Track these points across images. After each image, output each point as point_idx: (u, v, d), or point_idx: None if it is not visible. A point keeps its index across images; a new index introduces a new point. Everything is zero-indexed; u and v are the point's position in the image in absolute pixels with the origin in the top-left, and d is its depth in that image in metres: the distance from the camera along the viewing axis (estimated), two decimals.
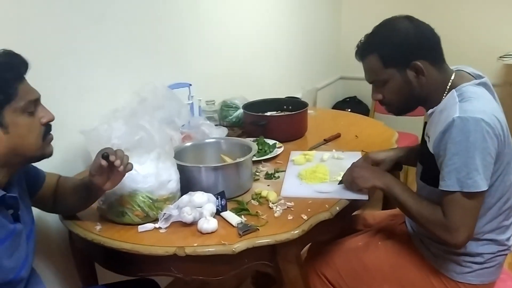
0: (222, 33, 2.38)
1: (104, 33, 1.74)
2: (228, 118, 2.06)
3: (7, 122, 0.93)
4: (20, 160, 1.00)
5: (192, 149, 1.51)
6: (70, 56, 1.62)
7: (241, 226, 1.19)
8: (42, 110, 1.01)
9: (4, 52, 0.96)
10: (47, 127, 1.02)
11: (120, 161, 1.11)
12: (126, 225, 1.23)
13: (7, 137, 0.94)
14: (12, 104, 0.93)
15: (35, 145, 0.99)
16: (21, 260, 0.98)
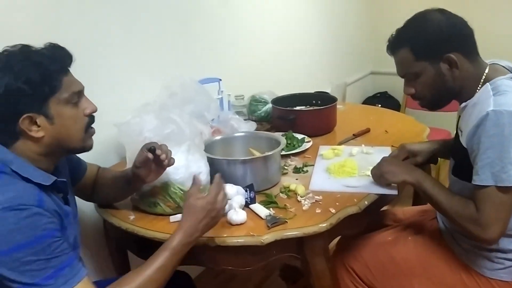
0: (252, 28, 2.40)
1: (137, 29, 1.79)
2: (257, 113, 2.08)
3: (52, 113, 0.96)
4: (63, 150, 1.03)
5: (221, 143, 1.54)
6: (103, 51, 1.67)
7: (269, 219, 1.21)
8: (85, 102, 1.03)
9: (50, 45, 0.99)
10: (90, 119, 1.05)
11: (166, 155, 1.15)
12: (158, 215, 1.27)
13: (52, 127, 0.96)
14: (57, 95, 0.96)
15: (78, 136, 1.02)
16: (71, 241, 1.03)
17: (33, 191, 0.92)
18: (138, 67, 1.83)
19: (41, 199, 0.91)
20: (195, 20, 2.05)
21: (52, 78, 0.95)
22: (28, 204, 0.87)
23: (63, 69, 0.98)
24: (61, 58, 0.98)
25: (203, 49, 2.10)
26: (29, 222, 0.86)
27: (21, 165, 0.94)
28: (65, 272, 0.89)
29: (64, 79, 0.97)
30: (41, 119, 0.95)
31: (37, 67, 0.93)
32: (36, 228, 0.87)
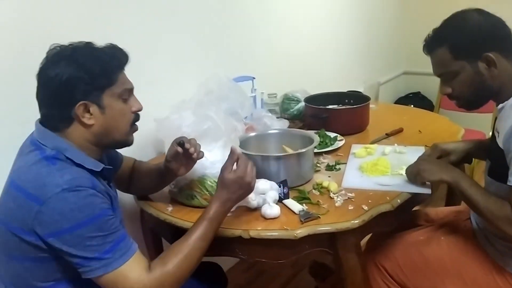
0: (286, 27, 2.43)
1: (175, 27, 1.85)
2: (289, 111, 2.10)
3: (105, 104, 1.03)
4: (108, 141, 1.09)
5: (255, 140, 1.57)
6: (143, 49, 1.73)
7: (303, 214, 1.24)
8: (134, 100, 1.11)
9: (110, 44, 1.08)
10: (136, 117, 1.12)
11: (194, 149, 1.21)
12: (195, 207, 1.32)
13: (102, 117, 1.03)
14: (112, 88, 1.04)
15: (123, 129, 1.09)
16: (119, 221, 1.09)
17: (86, 175, 0.99)
18: (177, 65, 1.89)
19: (94, 182, 0.99)
20: (232, 20, 2.10)
21: (110, 72, 1.03)
22: (84, 185, 0.95)
23: (120, 66, 1.07)
24: (119, 56, 1.07)
25: (239, 48, 2.14)
26: (88, 201, 0.94)
27: (74, 153, 1.01)
28: (121, 246, 0.96)
29: (120, 76, 1.06)
30: (94, 108, 1.02)
31: (99, 60, 1.02)
32: (94, 207, 0.94)
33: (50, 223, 0.91)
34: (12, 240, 0.95)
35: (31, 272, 0.98)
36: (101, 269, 0.93)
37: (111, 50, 1.06)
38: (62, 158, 0.99)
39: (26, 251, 0.95)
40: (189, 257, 1.04)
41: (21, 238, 0.94)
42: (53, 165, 0.96)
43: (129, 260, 0.96)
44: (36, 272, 0.98)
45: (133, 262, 0.97)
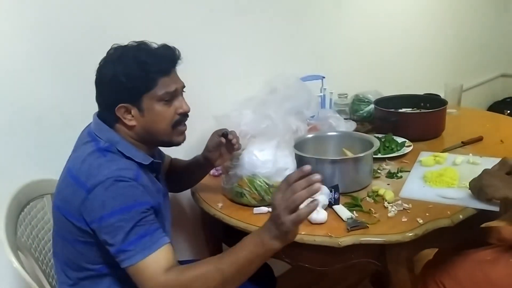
0: (359, 26, 2.34)
1: (245, 25, 1.87)
2: (359, 113, 2.03)
3: (144, 107, 1.07)
4: (153, 140, 1.13)
5: (313, 141, 1.54)
6: (213, 46, 1.78)
7: (350, 221, 1.19)
8: (180, 101, 1.12)
9: (161, 46, 1.10)
10: (181, 118, 1.12)
11: (236, 140, 1.26)
12: (243, 205, 1.33)
13: (143, 119, 1.08)
14: (151, 92, 1.06)
15: (164, 130, 1.10)
16: (163, 213, 1.15)
17: (133, 167, 1.05)
18: (247, 63, 1.91)
19: (138, 174, 1.04)
20: (304, 18, 2.07)
21: (149, 78, 1.05)
22: (126, 176, 1.00)
23: (162, 71, 1.07)
24: (166, 60, 1.08)
25: (310, 47, 2.11)
26: (124, 192, 0.98)
27: (125, 146, 1.07)
28: (145, 240, 0.96)
29: (161, 80, 1.06)
30: (135, 110, 1.07)
31: (140, 65, 1.04)
32: (128, 198, 0.98)
33: (92, 210, 0.97)
34: (66, 224, 1.04)
35: (81, 254, 1.06)
36: (126, 261, 0.96)
37: (158, 53, 1.07)
38: (114, 150, 1.06)
39: (77, 235, 1.03)
40: (204, 279, 0.94)
41: (72, 223, 1.02)
42: (104, 157, 1.03)
43: (150, 256, 0.95)
44: (85, 254, 1.06)
45: (154, 258, 0.95)
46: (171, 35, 1.64)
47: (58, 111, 1.38)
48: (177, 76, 1.13)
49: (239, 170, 1.32)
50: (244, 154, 1.33)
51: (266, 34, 1.95)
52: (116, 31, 1.45)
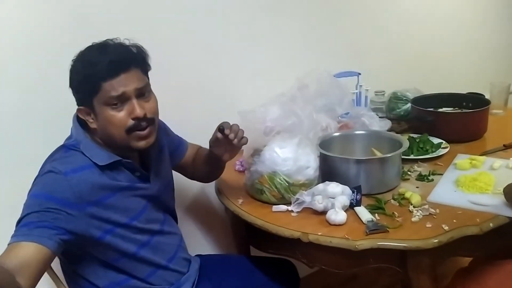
0: (399, 20, 2.25)
1: (279, 20, 1.85)
2: (396, 111, 1.95)
3: (96, 111, 1.05)
4: (113, 144, 1.09)
5: (340, 139, 1.50)
6: (245, 41, 1.77)
7: (370, 224, 1.15)
8: (132, 105, 1.05)
9: (115, 44, 1.06)
10: (137, 123, 1.06)
11: (234, 135, 1.16)
12: (263, 202, 1.31)
13: (98, 123, 1.07)
14: (98, 97, 1.03)
15: (118, 136, 1.06)
16: (137, 211, 1.14)
17: (83, 164, 1.05)
18: (277, 58, 1.89)
19: (76, 170, 1.02)
20: (339, 13, 2.02)
21: (91, 82, 1.02)
22: (58, 168, 1.01)
23: (106, 74, 1.02)
24: (112, 62, 1.02)
25: (346, 42, 2.06)
26: (46, 181, 1.01)
27: (87, 146, 1.08)
28: (20, 229, 0.95)
29: (106, 84, 1.02)
30: (92, 113, 1.07)
31: (84, 68, 1.03)
32: (45, 188, 1.00)
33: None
34: None
35: None
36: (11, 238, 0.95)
37: (105, 53, 1.03)
38: (77, 148, 1.07)
39: None
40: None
41: None
42: (64, 153, 1.07)
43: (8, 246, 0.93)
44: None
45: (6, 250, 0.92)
46: (203, 30, 1.67)
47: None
48: (130, 78, 1.05)
49: (259, 166, 1.31)
50: (265, 151, 1.31)
51: (299, 29, 1.92)
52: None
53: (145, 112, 1.06)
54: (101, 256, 1.10)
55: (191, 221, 1.77)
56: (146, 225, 1.16)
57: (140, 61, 1.09)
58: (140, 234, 1.15)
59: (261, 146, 1.34)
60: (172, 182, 1.34)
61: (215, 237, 1.83)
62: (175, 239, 1.27)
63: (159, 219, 1.22)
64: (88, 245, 1.07)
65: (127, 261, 1.13)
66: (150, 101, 1.10)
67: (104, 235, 1.07)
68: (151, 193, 1.19)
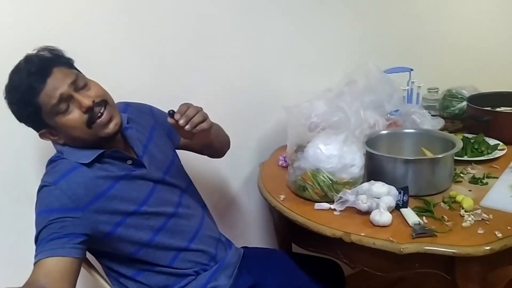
0: (455, 14, 2.14)
1: (326, 14, 1.82)
2: (450, 109, 1.86)
3: (52, 125, 1.04)
4: (87, 144, 1.07)
5: (388, 138, 1.44)
6: (291, 36, 1.75)
7: (416, 228, 1.10)
8: (77, 101, 1.02)
9: (25, 59, 1.02)
10: (91, 113, 1.03)
11: (185, 120, 1.03)
12: (306, 200, 1.29)
13: (61, 135, 1.07)
14: (43, 113, 1.02)
15: (84, 134, 1.05)
16: (144, 196, 1.13)
17: (68, 168, 1.05)
18: (325, 53, 1.85)
19: (64, 176, 1.03)
20: (389, 6, 1.95)
21: (28, 104, 1.00)
22: (47, 181, 1.03)
23: (34, 88, 0.99)
24: (29, 79, 0.99)
25: (398, 36, 1.99)
26: (41, 197, 1.03)
27: (68, 152, 1.08)
28: (37, 249, 0.98)
29: (40, 98, 1.00)
30: (51, 131, 1.06)
31: (16, 94, 1.01)
32: (42, 204, 1.02)
33: None
34: None
35: None
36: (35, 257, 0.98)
37: (19, 75, 1.00)
38: (60, 157, 1.08)
39: None
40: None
41: None
42: (52, 165, 1.09)
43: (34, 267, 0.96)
44: None
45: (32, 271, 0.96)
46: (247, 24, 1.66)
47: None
48: (58, 78, 1.01)
49: (303, 163, 1.28)
50: (309, 147, 1.29)
51: (348, 23, 1.87)
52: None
53: (92, 99, 1.03)
54: (120, 250, 1.11)
55: (234, 214, 1.78)
56: (159, 208, 1.14)
57: (57, 59, 1.05)
58: (153, 219, 1.13)
59: (305, 142, 1.32)
60: (176, 162, 1.29)
61: (258, 231, 1.83)
62: (194, 219, 1.24)
63: (172, 201, 1.19)
64: (103, 242, 1.08)
65: (146, 251, 1.13)
66: (92, 88, 1.06)
67: (114, 228, 1.07)
68: (154, 176, 1.16)
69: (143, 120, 1.24)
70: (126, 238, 1.09)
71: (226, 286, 1.23)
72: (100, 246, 1.10)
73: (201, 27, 1.55)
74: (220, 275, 1.23)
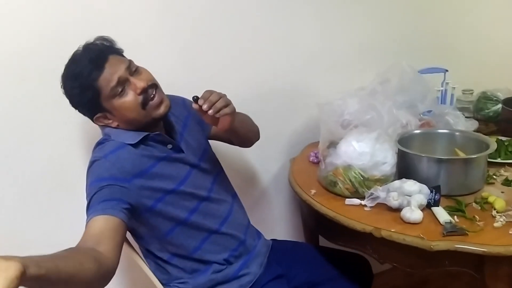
0: (493, 14, 2.11)
1: (360, 11, 1.82)
2: (484, 112, 1.84)
3: (109, 108, 1.11)
4: (139, 126, 1.14)
5: (421, 137, 1.45)
6: (324, 33, 1.77)
7: (448, 226, 1.11)
8: (132, 83, 1.10)
9: (83, 47, 1.11)
10: (146, 95, 1.11)
11: (209, 105, 1.06)
12: (336, 195, 1.31)
13: (115, 117, 1.14)
14: (101, 96, 1.09)
15: (138, 116, 1.12)
16: (182, 176, 1.19)
17: (116, 146, 1.11)
18: (358, 51, 1.86)
19: (113, 151, 1.10)
20: (425, 5, 1.94)
21: (88, 88, 1.08)
22: (97, 156, 1.10)
23: (93, 73, 1.07)
24: (90, 62, 1.07)
25: (433, 36, 1.97)
26: (93, 170, 1.09)
27: (116, 133, 1.15)
28: (87, 211, 1.03)
29: (99, 81, 1.07)
30: (106, 114, 1.13)
31: (76, 80, 1.08)
32: (94, 175, 1.08)
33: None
34: None
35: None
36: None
37: (80, 60, 1.08)
38: (109, 139, 1.15)
39: None
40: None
41: None
42: (100, 145, 1.15)
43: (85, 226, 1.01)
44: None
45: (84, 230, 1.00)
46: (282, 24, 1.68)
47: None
48: (115, 64, 1.10)
49: (335, 158, 1.31)
50: (341, 143, 1.31)
51: (383, 22, 1.87)
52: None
53: (146, 82, 1.11)
54: (157, 227, 1.16)
55: (263, 208, 1.81)
56: (194, 190, 1.20)
57: (111, 48, 1.13)
58: (189, 200, 1.19)
59: (337, 139, 1.34)
60: (209, 150, 1.35)
61: (286, 225, 1.86)
62: (225, 205, 1.28)
63: (205, 186, 1.25)
64: (144, 216, 1.13)
65: (181, 229, 1.18)
66: (143, 73, 1.14)
67: (155, 203, 1.13)
68: (190, 160, 1.23)
69: (177, 110, 1.30)
70: (165, 213, 1.16)
71: (257, 274, 1.27)
72: (140, 222, 1.15)
73: (236, 24, 1.59)
74: (252, 263, 1.28)
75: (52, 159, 1.40)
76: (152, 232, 1.18)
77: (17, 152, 1.35)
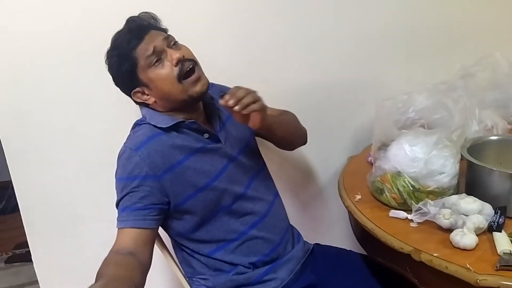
0: None
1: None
2: None
3: (145, 81, 1.08)
4: (176, 103, 1.11)
5: (498, 145, 1.20)
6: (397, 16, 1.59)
7: (505, 258, 0.90)
8: (169, 54, 1.07)
9: (128, 20, 1.09)
10: (182, 67, 1.07)
11: (235, 101, 1.00)
12: (382, 204, 1.16)
13: (152, 92, 1.09)
14: (138, 67, 1.06)
15: (174, 89, 1.07)
16: (217, 170, 1.13)
17: (148, 135, 1.09)
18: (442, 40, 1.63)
19: (144, 143, 1.07)
20: None
21: (126, 58, 1.06)
22: (128, 147, 1.07)
23: (132, 44, 1.06)
24: (131, 34, 1.07)
25: None
26: (122, 163, 1.08)
27: (151, 115, 1.12)
28: (120, 214, 1.04)
29: (136, 51, 1.06)
30: (144, 89, 1.10)
31: (115, 50, 1.08)
32: (124, 171, 1.07)
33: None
34: None
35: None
36: (117, 223, 1.05)
37: (124, 29, 1.08)
38: (144, 122, 1.13)
39: None
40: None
41: None
42: (135, 130, 1.14)
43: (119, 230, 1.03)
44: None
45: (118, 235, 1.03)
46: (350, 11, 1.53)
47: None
48: (154, 35, 1.08)
49: (384, 163, 1.15)
50: (392, 145, 1.15)
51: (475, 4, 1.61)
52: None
53: (182, 54, 1.07)
54: (185, 223, 1.13)
55: (318, 207, 1.70)
56: (228, 186, 1.14)
57: (155, 24, 1.12)
58: (221, 197, 1.13)
59: (389, 140, 1.18)
60: (252, 145, 1.27)
61: (339, 229, 1.72)
62: (261, 204, 1.20)
63: (242, 181, 1.18)
64: (174, 210, 1.10)
65: (209, 228, 1.14)
66: (183, 48, 1.11)
67: (185, 200, 1.10)
68: (228, 152, 1.16)
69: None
70: (195, 211, 1.12)
71: (285, 280, 1.18)
72: (169, 216, 1.13)
73: (298, 11, 1.47)
74: (281, 268, 1.19)
75: (105, 136, 1.41)
76: (180, 226, 1.15)
77: (77, 127, 1.38)
